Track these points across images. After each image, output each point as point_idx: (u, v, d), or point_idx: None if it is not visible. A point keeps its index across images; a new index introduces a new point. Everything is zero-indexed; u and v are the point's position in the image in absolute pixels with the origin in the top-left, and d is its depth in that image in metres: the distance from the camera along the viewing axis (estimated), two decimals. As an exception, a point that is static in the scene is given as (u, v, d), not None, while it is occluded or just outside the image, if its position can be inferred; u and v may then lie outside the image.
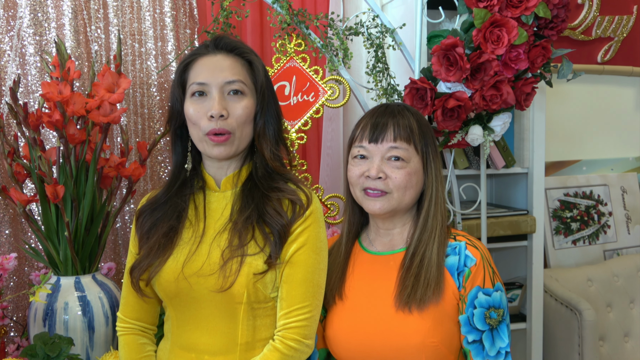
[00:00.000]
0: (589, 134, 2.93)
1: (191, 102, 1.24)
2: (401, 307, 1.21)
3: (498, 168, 2.24)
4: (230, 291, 1.18)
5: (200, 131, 1.23)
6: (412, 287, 1.20)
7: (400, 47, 1.84)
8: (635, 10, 2.91)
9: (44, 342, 1.55)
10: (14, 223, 1.97)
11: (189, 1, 2.17)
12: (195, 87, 1.23)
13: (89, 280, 1.71)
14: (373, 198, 1.26)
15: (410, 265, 1.23)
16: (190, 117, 1.24)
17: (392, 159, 1.25)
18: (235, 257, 1.19)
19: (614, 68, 2.92)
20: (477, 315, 1.20)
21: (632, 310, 2.58)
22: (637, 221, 2.93)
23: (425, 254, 1.24)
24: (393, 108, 1.31)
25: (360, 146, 1.28)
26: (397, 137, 1.25)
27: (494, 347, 1.20)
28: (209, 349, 1.22)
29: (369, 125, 1.28)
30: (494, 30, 1.64)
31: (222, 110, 1.20)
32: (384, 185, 1.24)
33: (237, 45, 1.29)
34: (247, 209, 1.24)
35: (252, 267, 1.19)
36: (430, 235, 1.26)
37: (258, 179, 1.27)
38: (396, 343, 1.20)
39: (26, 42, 1.97)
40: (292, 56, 1.79)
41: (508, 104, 1.71)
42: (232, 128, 1.22)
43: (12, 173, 1.68)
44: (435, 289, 1.20)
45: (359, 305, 1.28)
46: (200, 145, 1.26)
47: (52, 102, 1.63)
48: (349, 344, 1.27)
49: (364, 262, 1.33)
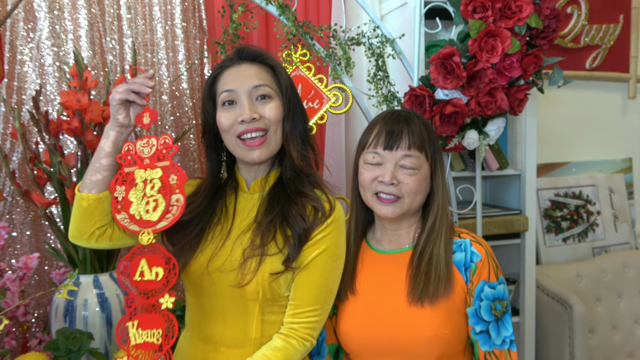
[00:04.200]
0: (578, 137, 2.95)
1: (222, 111, 1.23)
2: (414, 302, 1.21)
3: (492, 170, 2.25)
4: (246, 288, 1.18)
5: (234, 137, 1.22)
6: (424, 284, 1.20)
7: (400, 56, 1.83)
8: (621, 19, 2.93)
9: (65, 337, 1.56)
10: (35, 224, 1.98)
11: (199, 14, 2.18)
12: (225, 95, 1.22)
13: (107, 278, 1.72)
14: (386, 203, 1.25)
15: (420, 263, 1.23)
16: (222, 126, 1.23)
17: (405, 166, 1.24)
18: (255, 257, 1.19)
19: (602, 74, 2.93)
20: (483, 307, 1.21)
21: (619, 304, 2.59)
22: (624, 220, 2.94)
23: (434, 252, 1.23)
24: (405, 115, 1.29)
25: (375, 152, 1.26)
26: (411, 146, 1.24)
27: (500, 336, 1.21)
28: (224, 342, 1.23)
29: (383, 132, 1.26)
30: (489, 40, 1.64)
31: (253, 114, 1.19)
32: (397, 190, 1.24)
33: (259, 54, 1.28)
34: (272, 211, 1.23)
35: (269, 267, 1.18)
36: (437, 236, 1.25)
37: (286, 181, 1.26)
38: (410, 335, 1.20)
39: (45, 53, 1.98)
40: (298, 65, 1.78)
41: (502, 109, 1.71)
42: (267, 126, 1.22)
43: (34, 177, 1.69)
44: (446, 285, 1.20)
45: (371, 300, 1.27)
46: (236, 152, 1.25)
47: (70, 110, 1.65)
48: (362, 337, 1.26)
49: (372, 259, 1.32)
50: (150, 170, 1.13)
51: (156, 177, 1.13)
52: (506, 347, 1.21)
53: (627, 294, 2.61)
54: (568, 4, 2.82)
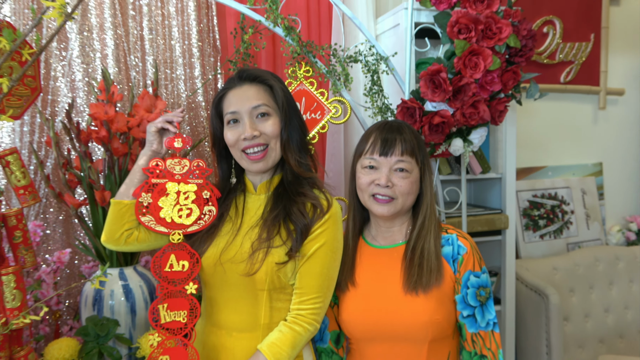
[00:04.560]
0: (554, 144, 2.95)
1: (228, 129, 1.26)
2: (409, 291, 1.22)
3: (476, 174, 2.24)
4: (255, 277, 1.19)
5: (238, 150, 1.25)
6: (418, 275, 1.21)
7: (393, 72, 1.84)
8: (592, 37, 2.93)
9: (94, 324, 1.57)
10: (66, 223, 1.98)
11: (213, 34, 2.18)
12: (229, 116, 1.25)
13: (131, 271, 1.72)
14: (381, 203, 1.26)
15: (413, 257, 1.24)
16: (229, 142, 1.26)
17: (398, 170, 1.25)
18: (262, 249, 1.20)
19: (575, 87, 2.93)
20: (470, 294, 1.22)
21: (591, 294, 2.60)
22: (595, 218, 2.94)
23: (425, 246, 1.24)
24: (397, 125, 1.30)
25: (372, 158, 1.27)
26: (404, 152, 1.25)
27: (484, 319, 1.22)
28: (236, 327, 1.23)
29: (379, 140, 1.27)
30: (472, 58, 1.64)
31: (254, 132, 1.22)
32: (392, 192, 1.24)
33: (257, 74, 1.29)
34: (276, 209, 1.25)
35: (275, 257, 1.19)
36: (427, 232, 1.26)
37: (287, 184, 1.28)
38: (406, 321, 1.21)
39: (75, 69, 1.98)
40: (302, 81, 1.78)
41: (484, 120, 1.71)
42: (267, 140, 1.24)
43: (66, 181, 1.70)
44: (437, 275, 1.22)
45: (370, 290, 1.27)
46: (242, 163, 1.27)
47: (99, 120, 1.65)
48: (363, 323, 1.26)
49: (369, 254, 1.33)
50: (183, 185, 1.23)
51: (191, 191, 1.22)
52: (490, 328, 1.23)
53: (598, 286, 2.62)
54: (544, 24, 2.83)
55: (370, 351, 1.27)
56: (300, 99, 1.77)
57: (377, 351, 1.26)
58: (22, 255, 1.43)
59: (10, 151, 1.40)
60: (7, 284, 1.35)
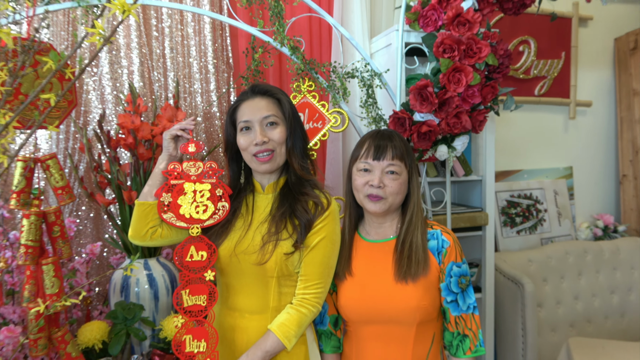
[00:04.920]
0: (529, 149, 2.95)
1: (241, 135, 1.27)
2: (400, 280, 1.23)
3: (459, 176, 2.24)
4: (266, 266, 1.20)
5: (249, 154, 1.27)
6: (407, 266, 1.23)
7: (386, 87, 1.84)
8: (563, 55, 2.94)
9: (122, 308, 1.59)
10: (96, 220, 2.00)
11: (226, 53, 2.18)
12: (242, 124, 1.27)
13: (154, 262, 1.74)
14: (374, 201, 1.27)
15: (403, 250, 1.25)
16: (241, 146, 1.27)
17: (389, 172, 1.26)
18: (271, 241, 1.22)
19: (548, 99, 2.94)
20: (453, 282, 1.24)
21: (562, 283, 2.60)
22: (566, 216, 2.93)
23: (413, 240, 1.26)
24: (388, 134, 1.31)
25: (366, 162, 1.28)
26: (394, 157, 1.26)
27: (465, 304, 1.25)
28: (248, 309, 1.25)
29: (372, 146, 1.28)
30: (455, 74, 1.64)
31: (263, 138, 1.24)
32: (383, 192, 1.26)
33: (268, 89, 1.31)
34: (283, 207, 1.27)
35: (282, 249, 1.21)
36: (415, 227, 1.27)
37: (292, 185, 1.29)
38: (397, 306, 1.23)
39: (105, 84, 1.99)
40: (305, 94, 1.79)
41: (466, 128, 1.72)
42: (274, 146, 1.26)
43: (97, 182, 1.72)
44: (424, 266, 1.23)
45: (365, 279, 1.28)
46: (251, 165, 1.29)
47: (126, 129, 1.68)
48: (359, 308, 1.27)
49: (364, 247, 1.34)
50: (199, 184, 1.23)
51: (206, 190, 1.23)
52: (470, 311, 1.25)
53: (568, 276, 2.62)
54: (520, 43, 2.83)
55: (365, 332, 1.29)
56: (304, 110, 1.78)
57: (372, 332, 1.27)
58: (60, 247, 1.45)
59: (50, 156, 1.42)
60: (47, 272, 1.38)
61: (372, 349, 1.28)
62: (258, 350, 1.18)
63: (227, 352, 1.25)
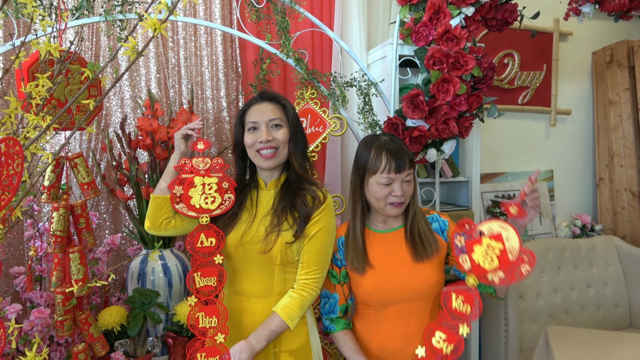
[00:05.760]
0: (513, 153, 2.96)
1: (248, 134, 1.32)
2: (417, 261, 1.30)
3: (448, 177, 2.26)
4: (269, 254, 1.25)
5: (254, 151, 1.31)
6: (422, 248, 1.31)
7: (381, 95, 1.87)
8: (544, 67, 2.96)
9: (139, 294, 1.63)
10: (114, 214, 2.04)
11: (235, 62, 2.22)
12: (250, 124, 1.32)
13: (169, 252, 1.78)
14: (396, 207, 1.32)
15: (414, 237, 1.33)
16: (247, 144, 1.32)
17: (406, 181, 1.32)
18: (274, 232, 1.26)
19: (530, 108, 2.95)
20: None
21: (542, 277, 2.61)
22: (547, 216, 2.94)
23: (420, 228, 1.34)
24: (399, 147, 1.32)
25: (388, 177, 1.30)
26: (410, 167, 1.32)
27: None
28: (254, 293, 1.29)
29: (393, 163, 1.29)
30: (444, 85, 1.67)
31: (268, 137, 1.28)
32: (404, 198, 1.32)
33: (274, 96, 1.36)
34: (284, 201, 1.31)
35: (284, 238, 1.26)
36: (418, 218, 1.36)
37: (292, 182, 1.34)
38: (418, 284, 1.30)
39: (124, 90, 2.03)
40: (308, 101, 1.83)
41: (454, 133, 1.74)
42: (277, 145, 1.30)
43: (117, 180, 1.77)
44: (435, 245, 1.32)
45: (385, 265, 1.33)
46: (256, 161, 1.33)
47: (144, 131, 1.72)
48: (383, 293, 1.31)
49: (377, 238, 1.37)
50: (207, 178, 1.25)
51: (213, 183, 1.25)
52: None
53: (548, 270, 2.63)
54: (505, 56, 2.84)
55: (386, 313, 1.32)
56: (306, 115, 1.82)
57: (393, 312, 1.32)
58: (85, 237, 1.50)
59: (77, 155, 1.48)
60: (73, 260, 1.42)
61: (392, 327, 1.32)
62: (265, 330, 1.23)
63: (236, 333, 1.29)
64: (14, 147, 0.71)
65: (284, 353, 1.28)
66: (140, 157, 2.03)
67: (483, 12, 1.75)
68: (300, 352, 1.29)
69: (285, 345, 1.28)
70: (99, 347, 1.52)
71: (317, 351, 1.34)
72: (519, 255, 1.16)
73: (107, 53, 1.99)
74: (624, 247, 2.77)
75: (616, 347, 1.86)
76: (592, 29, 3.10)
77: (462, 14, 1.70)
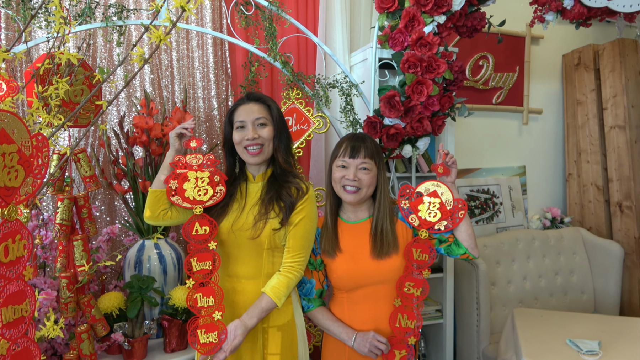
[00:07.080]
0: (488, 150, 3.04)
1: (236, 132, 1.40)
2: (376, 258, 1.39)
3: (424, 172, 2.31)
4: (258, 239, 1.33)
5: (242, 147, 1.39)
6: (380, 247, 1.38)
7: (361, 96, 1.93)
8: (517, 69, 3.06)
9: (137, 279, 1.72)
10: (110, 206, 2.11)
11: (225, 64, 2.28)
12: (238, 123, 1.39)
13: (163, 242, 1.86)
14: (350, 193, 1.39)
15: (376, 234, 1.39)
16: (236, 141, 1.40)
17: (362, 168, 1.38)
18: (262, 220, 1.34)
19: (504, 107, 3.05)
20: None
21: (513, 265, 2.70)
22: (519, 209, 3.04)
23: (383, 226, 1.39)
24: (362, 137, 1.42)
25: (343, 160, 1.39)
26: (366, 155, 1.38)
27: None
28: (245, 275, 1.37)
29: (348, 147, 1.39)
30: (418, 86, 1.74)
31: (254, 135, 1.37)
32: (358, 184, 1.38)
33: (260, 97, 1.44)
34: (270, 192, 1.38)
35: (271, 225, 1.34)
36: (384, 213, 1.40)
37: (277, 175, 1.41)
38: (382, 270, 1.38)
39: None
40: (294, 101, 1.89)
41: (427, 131, 1.82)
42: (263, 142, 1.38)
43: (115, 174, 1.85)
44: (394, 246, 1.39)
45: (353, 252, 1.41)
46: (244, 157, 1.41)
47: (140, 128, 1.80)
48: (352, 276, 1.39)
49: (347, 228, 1.45)
50: (200, 173, 1.34)
51: (205, 177, 1.34)
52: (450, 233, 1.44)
53: (518, 259, 2.72)
54: (480, 58, 2.94)
55: (356, 296, 1.41)
56: (292, 114, 1.90)
57: (362, 295, 1.40)
58: (87, 226, 1.59)
59: (81, 150, 1.57)
60: (77, 247, 1.53)
61: (362, 309, 1.40)
62: (256, 309, 1.33)
63: (230, 311, 1.38)
64: (43, 142, 0.84)
65: (272, 328, 1.38)
66: (136, 153, 2.09)
67: (454, 19, 1.85)
68: (287, 328, 1.40)
69: (273, 321, 1.38)
70: (100, 327, 1.62)
71: (301, 327, 1.45)
72: (454, 204, 1.37)
73: (104, 55, 2.07)
74: (590, 237, 2.90)
75: (574, 326, 2.00)
76: (563, 33, 3.21)
77: (434, 22, 1.80)
